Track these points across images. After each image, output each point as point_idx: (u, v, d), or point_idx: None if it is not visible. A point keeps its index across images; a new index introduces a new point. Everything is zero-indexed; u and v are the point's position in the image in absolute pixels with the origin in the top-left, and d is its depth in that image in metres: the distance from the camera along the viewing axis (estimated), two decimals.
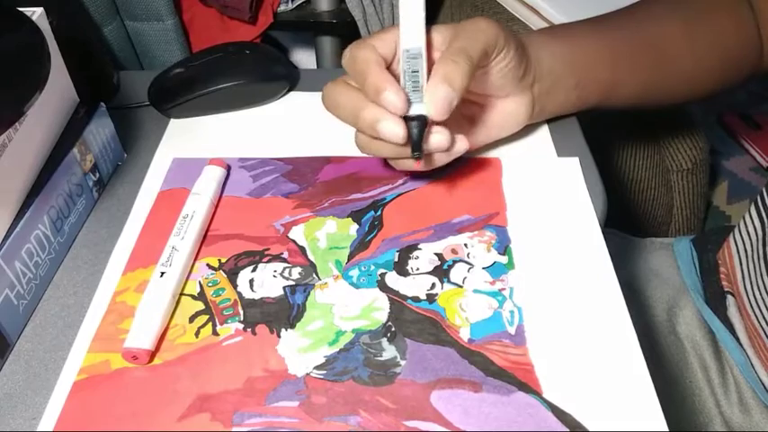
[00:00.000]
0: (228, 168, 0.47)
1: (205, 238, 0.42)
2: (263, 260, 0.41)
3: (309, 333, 0.37)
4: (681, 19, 0.51)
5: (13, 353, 0.37)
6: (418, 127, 0.38)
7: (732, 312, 0.54)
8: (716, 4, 0.52)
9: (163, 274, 0.38)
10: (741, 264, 0.53)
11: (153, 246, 0.41)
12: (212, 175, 0.45)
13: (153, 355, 0.36)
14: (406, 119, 0.38)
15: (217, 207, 0.44)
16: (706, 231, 0.63)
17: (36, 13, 0.40)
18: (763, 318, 0.50)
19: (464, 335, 0.36)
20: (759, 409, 0.53)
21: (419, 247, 0.41)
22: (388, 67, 0.39)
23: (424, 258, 0.41)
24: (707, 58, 0.52)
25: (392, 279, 0.40)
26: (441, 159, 0.42)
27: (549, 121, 0.50)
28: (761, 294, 0.50)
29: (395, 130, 0.37)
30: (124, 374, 0.35)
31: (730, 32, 0.52)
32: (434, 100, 0.37)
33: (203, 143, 0.50)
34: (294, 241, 0.42)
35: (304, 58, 0.95)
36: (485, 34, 0.39)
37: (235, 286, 0.40)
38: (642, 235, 0.67)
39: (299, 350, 0.36)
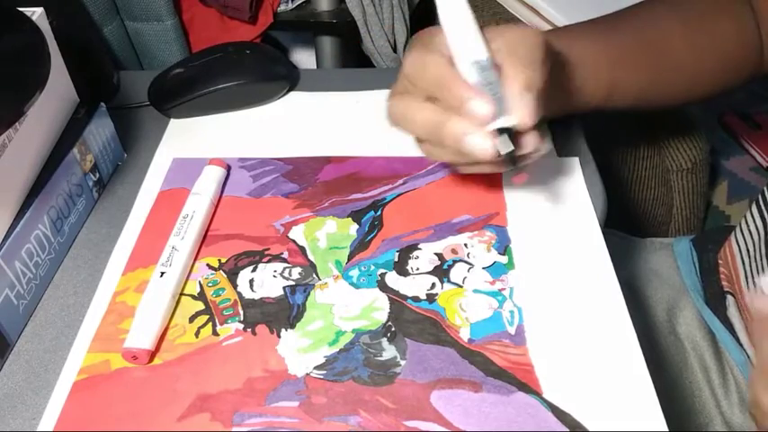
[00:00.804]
0: (228, 168, 0.47)
1: (205, 238, 0.42)
2: (263, 260, 0.41)
3: (309, 333, 0.37)
4: (681, 21, 0.51)
5: (13, 353, 0.37)
6: (509, 139, 0.35)
7: (732, 312, 0.54)
8: (716, 6, 0.52)
9: (163, 274, 0.38)
10: (744, 263, 0.53)
11: (153, 246, 0.41)
12: (212, 175, 0.45)
13: (153, 355, 0.36)
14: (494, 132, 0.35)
15: (217, 207, 0.44)
16: (706, 231, 0.63)
17: (36, 14, 0.40)
18: None
19: (464, 335, 0.36)
20: None
21: (419, 246, 0.41)
22: None
23: (424, 258, 0.41)
24: (707, 60, 0.52)
25: (392, 279, 0.40)
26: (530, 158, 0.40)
27: (549, 121, 0.50)
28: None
29: (483, 145, 0.35)
30: (124, 374, 0.35)
31: (730, 34, 0.52)
32: (522, 107, 0.35)
33: (203, 143, 0.50)
34: (294, 241, 0.42)
35: (304, 58, 0.95)
36: (540, 45, 0.38)
37: (235, 286, 0.40)
38: (642, 235, 0.67)
39: (299, 350, 0.36)
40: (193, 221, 0.41)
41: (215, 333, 0.37)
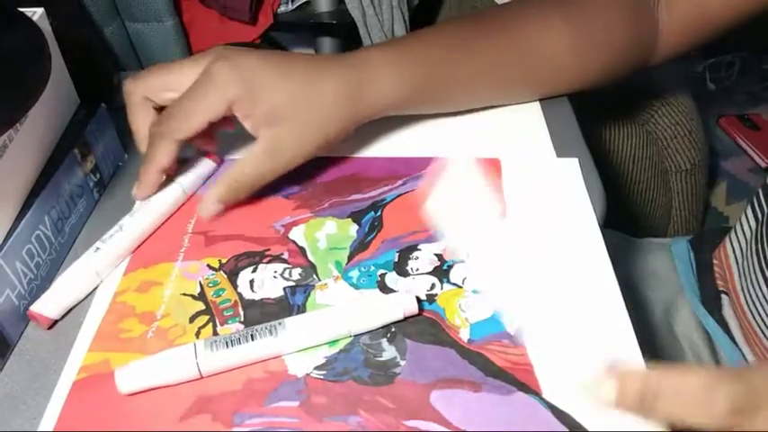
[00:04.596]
0: (221, 164, 0.47)
1: (205, 239, 0.43)
2: (264, 261, 0.41)
3: None
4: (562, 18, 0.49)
5: (13, 353, 0.37)
6: None
7: (727, 312, 0.54)
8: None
9: (98, 249, 0.39)
10: (737, 262, 0.53)
11: (154, 246, 0.41)
12: (197, 166, 0.45)
13: (55, 323, 0.38)
14: None
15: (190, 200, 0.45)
16: (703, 232, 0.63)
17: (37, 14, 0.40)
18: (760, 316, 0.50)
19: (464, 335, 0.36)
20: None
21: (419, 247, 0.41)
22: None
23: (424, 259, 0.41)
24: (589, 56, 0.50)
25: (392, 279, 0.40)
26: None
27: (548, 121, 0.50)
28: (755, 292, 0.50)
29: None
30: None
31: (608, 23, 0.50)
32: None
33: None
34: (294, 242, 0.42)
35: None
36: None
37: (235, 287, 0.40)
38: (641, 235, 0.68)
39: (300, 350, 0.36)
40: (150, 203, 0.42)
41: (215, 333, 0.37)
